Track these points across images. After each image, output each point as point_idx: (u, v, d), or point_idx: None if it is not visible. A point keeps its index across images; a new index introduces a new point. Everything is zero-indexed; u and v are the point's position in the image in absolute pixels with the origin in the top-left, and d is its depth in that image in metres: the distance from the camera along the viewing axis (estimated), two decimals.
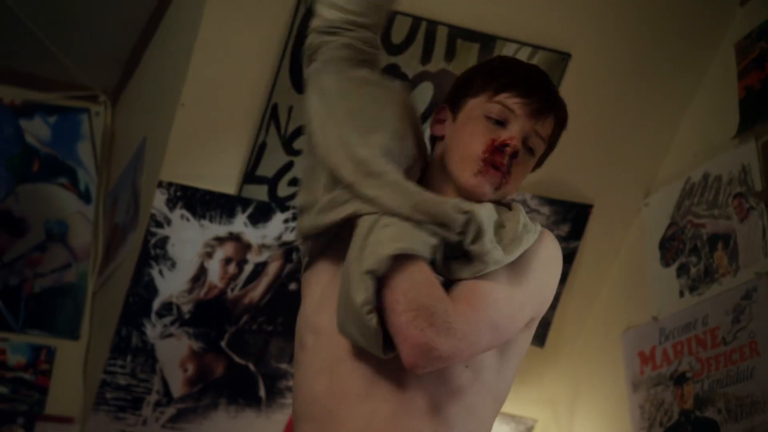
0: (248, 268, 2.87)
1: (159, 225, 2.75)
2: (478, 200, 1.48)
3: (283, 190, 2.79)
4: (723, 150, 2.81)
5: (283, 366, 3.07)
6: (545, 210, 3.04)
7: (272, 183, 2.78)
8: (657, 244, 2.99)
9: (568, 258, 3.13)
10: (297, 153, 2.75)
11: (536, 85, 1.51)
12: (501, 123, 1.49)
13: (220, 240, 2.82)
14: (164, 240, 2.77)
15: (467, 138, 1.49)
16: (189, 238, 2.78)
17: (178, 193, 2.72)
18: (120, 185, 3.13)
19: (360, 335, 1.40)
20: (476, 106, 1.52)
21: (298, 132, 2.70)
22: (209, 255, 2.82)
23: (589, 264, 3.17)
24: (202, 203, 2.75)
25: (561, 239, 3.09)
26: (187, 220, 2.75)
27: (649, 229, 3.05)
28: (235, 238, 2.82)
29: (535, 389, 3.30)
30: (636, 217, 3.12)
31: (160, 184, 2.70)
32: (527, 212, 3.09)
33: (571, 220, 3.08)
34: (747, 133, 2.72)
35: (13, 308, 3.16)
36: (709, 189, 2.84)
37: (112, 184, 3.25)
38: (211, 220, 2.78)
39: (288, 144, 2.73)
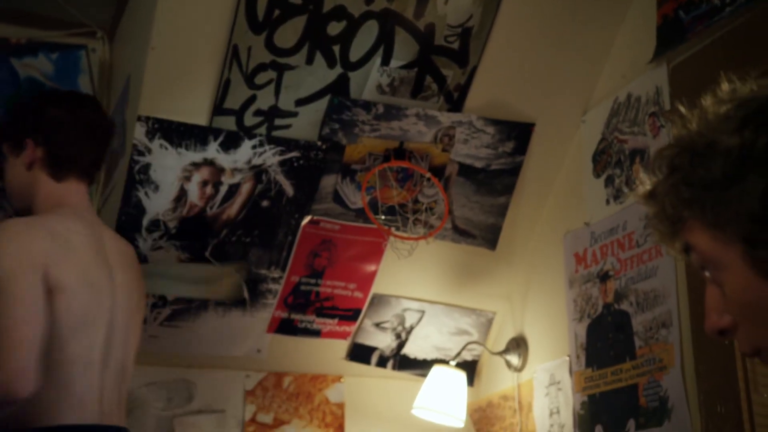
0: (223, 189, 3.04)
1: (141, 154, 2.94)
2: None
3: (249, 120, 2.96)
4: (642, 73, 3.00)
5: (263, 271, 3.27)
6: (490, 130, 3.23)
7: (239, 114, 2.93)
8: (591, 157, 3.23)
9: (515, 171, 3.39)
10: (259, 87, 2.90)
11: None
12: None
13: (196, 165, 2.98)
14: (147, 166, 2.95)
15: None
16: (168, 165, 2.94)
17: (156, 126, 2.90)
18: (113, 117, 3.27)
19: None
20: None
21: (258, 69, 2.88)
22: (188, 178, 3.00)
23: (534, 176, 3.39)
24: (177, 134, 2.92)
25: (507, 155, 3.33)
26: (166, 148, 2.93)
27: (585, 144, 3.26)
28: (209, 163, 2.98)
29: (493, 286, 3.60)
30: (576, 133, 3.34)
31: (139, 118, 2.89)
32: (473, 133, 3.37)
33: (515, 138, 3.27)
34: (661, 58, 2.92)
35: None
36: (631, 108, 3.06)
37: (109, 115, 3.51)
38: (186, 148, 2.93)
39: (250, 80, 2.89)
